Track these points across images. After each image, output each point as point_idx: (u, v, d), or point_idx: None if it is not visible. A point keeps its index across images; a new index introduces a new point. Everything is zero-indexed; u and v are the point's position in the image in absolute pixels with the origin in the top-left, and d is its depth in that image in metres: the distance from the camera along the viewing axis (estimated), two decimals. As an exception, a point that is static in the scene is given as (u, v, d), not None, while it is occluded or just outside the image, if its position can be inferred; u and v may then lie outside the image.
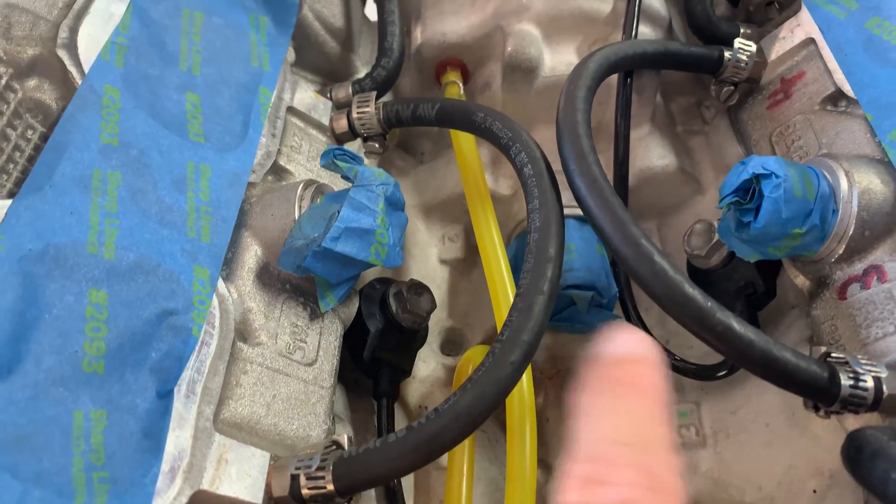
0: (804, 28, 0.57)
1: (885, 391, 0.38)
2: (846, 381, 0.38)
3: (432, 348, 0.64)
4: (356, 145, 0.61)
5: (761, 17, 0.64)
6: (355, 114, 0.59)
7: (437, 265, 0.69)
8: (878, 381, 0.38)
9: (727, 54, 0.58)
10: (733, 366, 0.53)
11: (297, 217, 0.46)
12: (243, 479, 0.39)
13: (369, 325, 0.52)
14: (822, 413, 0.40)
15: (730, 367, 0.53)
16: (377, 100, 0.59)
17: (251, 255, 0.47)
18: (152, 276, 0.40)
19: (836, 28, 0.54)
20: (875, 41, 0.51)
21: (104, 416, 0.35)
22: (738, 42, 0.59)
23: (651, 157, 0.64)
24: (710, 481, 0.53)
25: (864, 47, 0.52)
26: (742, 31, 0.60)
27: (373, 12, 0.69)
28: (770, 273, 0.53)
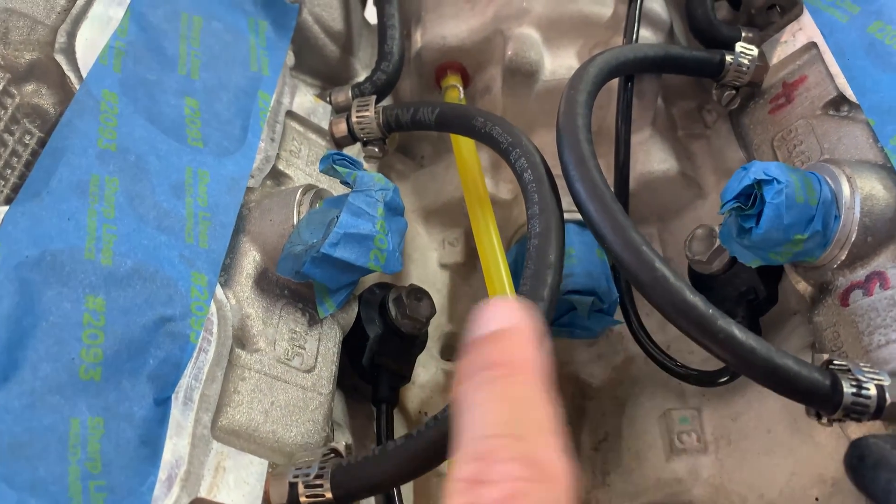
0: (806, 32, 0.56)
1: (888, 399, 0.38)
2: (848, 389, 0.38)
3: (432, 353, 0.63)
4: (356, 149, 0.61)
5: (763, 20, 0.64)
6: (355, 118, 0.58)
7: (436, 269, 0.69)
8: (881, 389, 0.38)
9: (728, 58, 0.58)
10: (734, 372, 0.52)
11: (295, 222, 0.45)
12: (241, 486, 0.38)
13: (368, 330, 0.52)
14: (825, 421, 0.40)
15: (731, 374, 0.53)
16: (377, 104, 0.59)
17: (249, 260, 0.46)
18: (150, 283, 0.40)
19: (838, 32, 0.54)
20: (877, 45, 0.51)
21: (101, 423, 0.35)
22: (739, 46, 0.58)
23: (652, 161, 0.64)
24: (712, 488, 0.52)
25: (867, 51, 0.51)
26: (743, 34, 0.60)
27: (372, 16, 0.69)
28: (772, 279, 0.53)
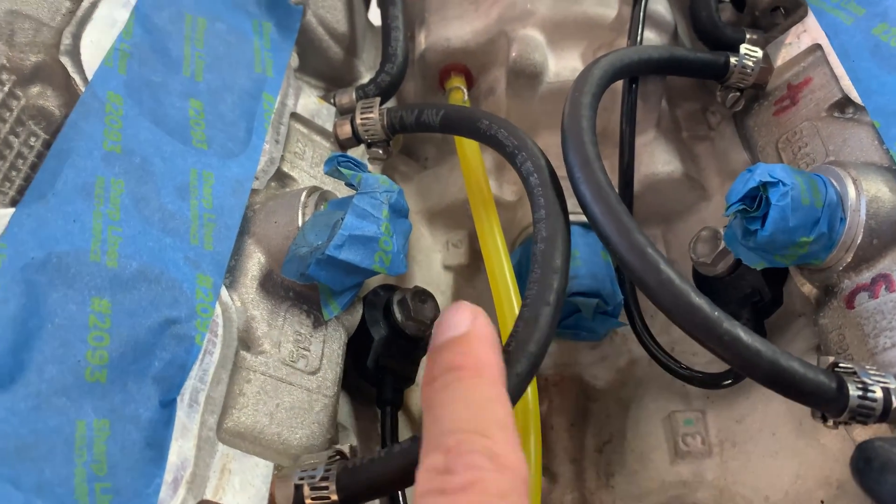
0: (810, 34, 0.56)
1: (894, 402, 0.38)
2: (854, 391, 0.38)
3: (436, 355, 0.63)
4: (360, 151, 0.61)
5: (767, 22, 0.63)
6: (359, 120, 0.58)
7: (441, 271, 0.69)
8: (887, 391, 0.38)
9: (733, 60, 0.58)
10: (739, 374, 0.52)
11: (300, 224, 0.45)
12: (247, 489, 0.38)
13: (373, 332, 0.52)
14: (830, 423, 0.40)
15: (735, 376, 0.53)
16: (381, 106, 0.59)
17: (254, 262, 0.46)
18: (155, 285, 0.40)
19: (843, 34, 0.54)
20: (882, 47, 0.51)
21: (107, 425, 0.35)
22: (743, 48, 0.58)
23: (656, 163, 0.63)
24: (716, 491, 0.52)
25: (872, 53, 0.51)
26: (748, 36, 0.60)
27: (376, 17, 0.69)
28: (777, 281, 0.52)
